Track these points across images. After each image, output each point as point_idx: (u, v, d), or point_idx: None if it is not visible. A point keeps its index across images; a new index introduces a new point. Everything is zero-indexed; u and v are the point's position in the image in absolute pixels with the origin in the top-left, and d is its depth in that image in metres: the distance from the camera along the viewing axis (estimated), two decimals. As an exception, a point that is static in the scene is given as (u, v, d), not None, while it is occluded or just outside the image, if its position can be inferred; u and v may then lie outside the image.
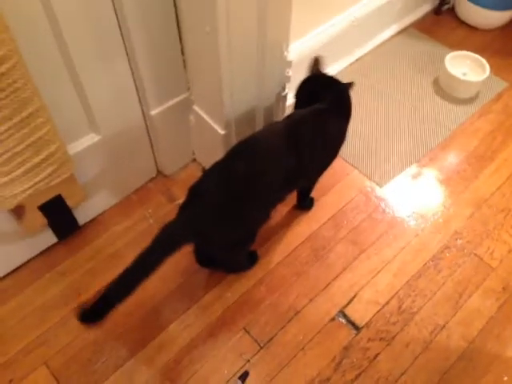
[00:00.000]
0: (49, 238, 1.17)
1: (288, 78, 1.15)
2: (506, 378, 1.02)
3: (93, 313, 0.87)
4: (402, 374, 1.01)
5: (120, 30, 0.95)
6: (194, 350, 1.05)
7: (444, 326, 1.07)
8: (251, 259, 1.16)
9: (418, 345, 1.05)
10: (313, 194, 1.26)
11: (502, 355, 1.05)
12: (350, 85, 1.09)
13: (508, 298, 1.12)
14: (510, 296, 1.12)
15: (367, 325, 1.07)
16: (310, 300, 1.11)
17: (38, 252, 1.17)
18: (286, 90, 1.19)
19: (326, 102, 1.03)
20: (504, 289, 1.13)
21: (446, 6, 1.81)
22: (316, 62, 1.11)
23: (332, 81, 1.09)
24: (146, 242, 1.20)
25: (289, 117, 1.04)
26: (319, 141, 1.02)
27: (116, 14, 0.92)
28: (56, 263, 1.16)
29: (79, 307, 0.87)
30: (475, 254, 1.18)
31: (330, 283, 1.14)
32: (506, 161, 1.36)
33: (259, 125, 1.18)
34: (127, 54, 1.00)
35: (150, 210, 1.26)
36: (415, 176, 1.34)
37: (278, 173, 0.96)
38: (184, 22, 1.00)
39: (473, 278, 1.14)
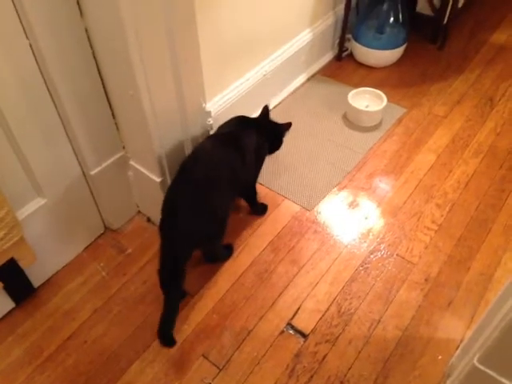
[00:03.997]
0: (6, 304, 1.23)
1: (210, 126, 1.31)
2: (440, 357, 1.14)
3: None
4: (349, 369, 1.12)
5: (55, 104, 1.09)
6: (159, 383, 1.11)
7: (379, 321, 1.20)
8: (228, 251, 1.35)
9: (359, 340, 1.17)
10: (250, 226, 1.40)
11: (434, 337, 1.18)
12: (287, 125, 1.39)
13: (431, 287, 1.27)
14: (432, 285, 1.27)
15: (313, 331, 1.19)
16: (260, 318, 1.22)
17: (-3, 319, 1.23)
18: (211, 137, 1.35)
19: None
20: (426, 280, 1.28)
21: (345, 53, 2.09)
22: (265, 110, 1.38)
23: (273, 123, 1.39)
24: (101, 293, 1.29)
25: (223, 130, 1.30)
26: (252, 147, 1.28)
27: (49, 91, 1.06)
28: (16, 326, 1.21)
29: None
30: (397, 254, 1.34)
31: (275, 301, 1.25)
32: (413, 173, 1.57)
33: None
34: (63, 124, 1.14)
35: (101, 264, 1.35)
36: (338, 197, 1.51)
37: (228, 170, 1.20)
38: (111, 91, 1.15)
39: (398, 275, 1.29)
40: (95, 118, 1.19)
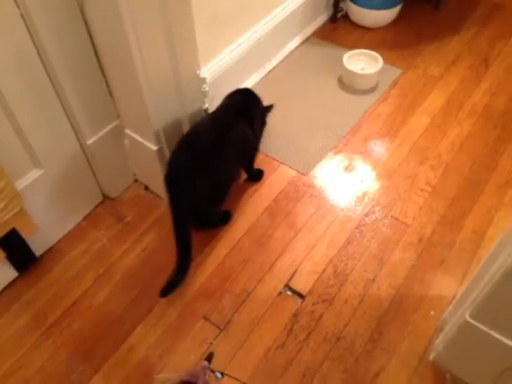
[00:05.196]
0: (10, 273, 1.25)
1: (205, 93, 1.31)
2: (432, 313, 1.19)
3: (170, 286, 1.18)
4: (346, 326, 1.16)
5: (48, 74, 1.08)
6: (162, 345, 1.15)
7: (374, 280, 1.24)
8: (226, 216, 1.37)
9: (355, 299, 1.21)
10: (247, 191, 1.42)
11: (427, 295, 1.22)
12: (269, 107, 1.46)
13: (424, 248, 1.30)
14: (425, 246, 1.30)
15: (310, 292, 1.22)
16: (259, 281, 1.25)
17: (2, 288, 1.25)
18: (207, 104, 1.34)
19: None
20: (420, 240, 1.31)
21: (340, 14, 2.05)
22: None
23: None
24: (102, 260, 1.32)
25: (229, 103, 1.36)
26: (257, 117, 1.39)
27: (42, 61, 1.05)
28: (21, 294, 1.25)
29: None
30: (392, 216, 1.37)
31: (273, 264, 1.28)
32: (407, 136, 1.58)
33: (187, 136, 1.33)
34: (57, 95, 1.13)
35: (101, 232, 1.37)
36: (334, 161, 1.52)
37: (238, 137, 1.27)
38: (103, 58, 1.14)
39: (392, 236, 1.32)
40: (88, 86, 1.18)
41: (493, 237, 1.29)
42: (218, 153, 1.20)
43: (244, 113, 1.31)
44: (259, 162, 1.50)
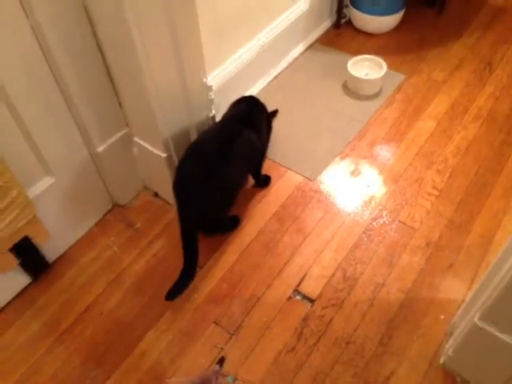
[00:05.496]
0: (23, 280, 1.27)
1: (211, 101, 1.32)
2: (442, 317, 1.19)
3: (176, 290, 1.20)
4: (355, 330, 1.17)
5: (57, 83, 1.10)
6: (173, 350, 1.16)
7: (383, 284, 1.25)
8: (234, 222, 1.39)
9: (364, 303, 1.21)
10: (255, 197, 1.43)
11: (436, 298, 1.22)
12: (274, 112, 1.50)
13: (432, 251, 1.31)
14: (433, 249, 1.31)
15: (319, 296, 1.23)
16: (268, 286, 1.26)
17: (15, 294, 1.27)
18: (213, 111, 1.36)
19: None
20: (428, 244, 1.32)
21: (343, 20, 2.07)
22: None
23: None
24: (113, 267, 1.34)
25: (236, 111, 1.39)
26: (264, 123, 1.42)
27: (52, 71, 1.07)
28: (34, 301, 1.26)
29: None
30: (399, 221, 1.37)
31: (282, 269, 1.29)
32: (413, 141, 1.59)
33: (195, 143, 1.34)
34: (67, 103, 1.15)
35: (112, 239, 1.38)
36: (340, 166, 1.53)
37: (244, 145, 1.27)
38: (112, 67, 1.16)
39: (400, 240, 1.33)
40: (98, 95, 1.19)
41: (501, 241, 1.30)
42: (225, 159, 1.21)
43: (249, 120, 1.33)
44: (266, 168, 1.52)
